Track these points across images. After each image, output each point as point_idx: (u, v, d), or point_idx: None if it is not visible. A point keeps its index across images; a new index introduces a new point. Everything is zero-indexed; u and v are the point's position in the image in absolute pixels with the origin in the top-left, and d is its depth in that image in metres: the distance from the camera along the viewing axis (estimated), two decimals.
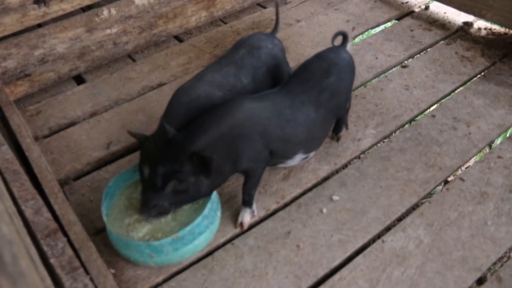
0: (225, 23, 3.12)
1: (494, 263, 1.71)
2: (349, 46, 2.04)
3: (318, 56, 1.97)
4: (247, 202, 1.83)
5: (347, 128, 2.18)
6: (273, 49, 2.08)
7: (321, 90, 1.84)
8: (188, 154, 1.59)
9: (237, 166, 1.72)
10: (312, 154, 1.94)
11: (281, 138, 1.76)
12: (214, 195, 1.78)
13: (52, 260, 1.46)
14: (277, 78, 2.06)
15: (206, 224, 1.73)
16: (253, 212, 1.84)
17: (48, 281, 1.25)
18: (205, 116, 1.72)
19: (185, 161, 1.59)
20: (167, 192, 1.61)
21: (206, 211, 1.70)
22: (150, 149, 1.74)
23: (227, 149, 1.67)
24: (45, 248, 1.49)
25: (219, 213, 1.83)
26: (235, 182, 1.98)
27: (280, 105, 1.77)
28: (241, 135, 1.68)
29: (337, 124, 2.13)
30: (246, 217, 1.82)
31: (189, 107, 1.82)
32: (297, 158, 1.88)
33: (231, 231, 1.83)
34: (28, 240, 1.37)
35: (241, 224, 1.81)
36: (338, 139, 2.15)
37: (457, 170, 2.05)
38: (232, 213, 1.89)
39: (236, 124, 1.67)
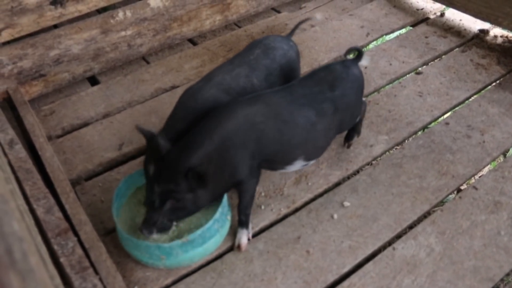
0: (239, 27, 3.12)
1: (507, 274, 1.68)
2: (363, 62, 1.96)
3: (327, 67, 1.90)
4: (244, 223, 1.78)
5: (358, 136, 2.15)
6: (288, 50, 2.05)
7: (324, 100, 1.79)
8: (183, 171, 1.57)
9: (235, 176, 1.69)
10: (312, 162, 1.89)
11: (279, 141, 1.72)
12: (225, 199, 1.77)
13: (62, 259, 1.47)
14: (290, 80, 2.02)
15: (217, 228, 1.72)
16: (249, 233, 1.79)
17: (58, 279, 1.25)
18: (197, 127, 1.69)
19: (180, 179, 1.58)
20: (165, 210, 1.61)
21: (217, 215, 1.70)
22: (156, 149, 1.75)
23: (223, 160, 1.64)
24: (55, 247, 1.50)
25: (229, 217, 1.82)
26: None
27: (277, 105, 1.72)
28: (235, 145, 1.65)
29: (349, 132, 2.10)
30: (244, 239, 1.76)
31: (195, 111, 1.81)
32: (297, 165, 1.83)
33: None
34: (39, 238, 1.37)
35: (239, 246, 1.76)
36: (349, 146, 2.13)
37: (470, 178, 2.03)
38: None
39: (228, 135, 1.64)
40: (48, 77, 2.56)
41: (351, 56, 1.97)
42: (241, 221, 1.78)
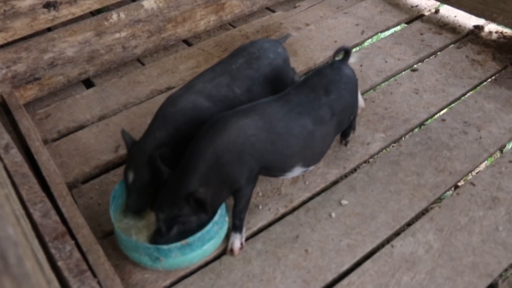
0: (234, 27, 3.12)
1: (506, 269, 1.68)
2: (351, 60, 1.96)
3: (318, 72, 1.89)
4: (238, 227, 1.77)
5: (354, 132, 2.15)
6: (275, 59, 2.00)
7: (320, 106, 1.78)
8: (183, 196, 1.59)
9: (234, 186, 1.69)
10: (312, 167, 1.89)
11: (273, 152, 1.71)
12: None
13: (59, 263, 1.46)
14: (276, 88, 1.97)
15: (216, 230, 1.72)
16: (242, 237, 1.78)
17: (55, 283, 1.25)
18: (192, 145, 1.67)
19: (182, 204, 1.60)
20: (172, 234, 1.64)
21: (216, 217, 1.69)
22: (135, 156, 1.75)
23: (220, 176, 1.64)
24: (52, 251, 1.49)
25: (227, 219, 1.81)
26: None
27: (271, 117, 1.71)
28: (230, 161, 1.64)
29: (345, 129, 2.10)
30: (237, 243, 1.75)
31: (175, 118, 1.81)
32: (296, 171, 1.82)
33: None
34: (36, 242, 1.37)
35: (232, 251, 1.75)
36: (346, 144, 2.13)
37: (467, 174, 2.03)
38: None
39: (221, 152, 1.63)
40: (43, 81, 2.55)
41: (340, 57, 1.96)
42: (235, 225, 1.77)
